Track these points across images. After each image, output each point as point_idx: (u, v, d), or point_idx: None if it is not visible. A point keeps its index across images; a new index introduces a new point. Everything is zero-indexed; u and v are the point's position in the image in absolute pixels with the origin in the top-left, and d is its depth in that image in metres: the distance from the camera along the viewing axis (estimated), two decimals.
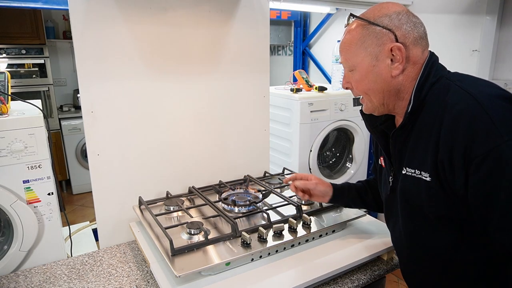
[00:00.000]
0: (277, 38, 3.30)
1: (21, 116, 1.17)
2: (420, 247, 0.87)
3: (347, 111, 2.26)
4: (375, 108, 0.88)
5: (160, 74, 1.33)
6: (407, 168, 0.84)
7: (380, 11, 0.82)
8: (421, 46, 0.81)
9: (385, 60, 0.81)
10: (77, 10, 1.14)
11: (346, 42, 0.86)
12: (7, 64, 3.48)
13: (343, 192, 1.14)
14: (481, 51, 1.98)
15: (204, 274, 0.97)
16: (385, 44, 0.80)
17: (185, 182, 1.44)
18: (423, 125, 0.80)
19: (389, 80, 0.82)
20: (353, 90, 0.90)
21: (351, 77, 0.88)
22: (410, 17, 0.81)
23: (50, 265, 1.13)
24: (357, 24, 0.84)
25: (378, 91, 0.84)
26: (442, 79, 0.80)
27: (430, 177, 0.77)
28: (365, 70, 0.83)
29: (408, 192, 0.85)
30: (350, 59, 0.85)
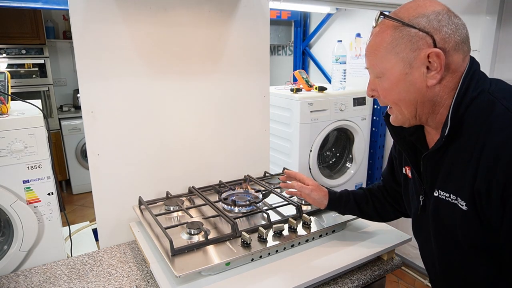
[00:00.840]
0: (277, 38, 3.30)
1: (21, 116, 1.17)
2: (454, 273, 0.81)
3: (347, 111, 2.26)
4: (405, 120, 0.79)
5: (160, 74, 1.33)
6: (441, 191, 0.77)
7: (416, 10, 0.72)
8: (463, 52, 0.72)
9: (420, 68, 0.71)
10: (77, 10, 1.14)
11: (374, 45, 0.76)
12: (7, 64, 3.49)
13: (340, 202, 1.10)
14: (481, 51, 1.98)
15: (204, 274, 0.97)
16: (422, 49, 0.70)
17: (185, 182, 1.44)
18: (462, 146, 0.71)
19: (424, 91, 0.72)
20: (380, 99, 0.80)
21: (378, 85, 0.78)
22: (452, 17, 0.71)
23: (50, 265, 1.13)
24: (388, 24, 0.73)
25: (410, 102, 0.75)
26: (484, 94, 0.70)
27: (467, 206, 0.70)
28: (396, 78, 0.73)
29: (442, 217, 0.78)
30: (377, 64, 0.76)
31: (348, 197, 1.09)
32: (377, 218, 1.11)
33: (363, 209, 1.09)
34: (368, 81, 0.82)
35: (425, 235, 0.88)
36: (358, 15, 2.69)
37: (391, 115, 0.82)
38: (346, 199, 1.09)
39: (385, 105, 0.81)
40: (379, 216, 1.10)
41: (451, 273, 0.83)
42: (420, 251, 0.94)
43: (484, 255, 0.73)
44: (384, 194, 1.09)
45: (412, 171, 0.88)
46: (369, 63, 0.79)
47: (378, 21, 0.77)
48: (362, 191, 1.12)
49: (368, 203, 1.08)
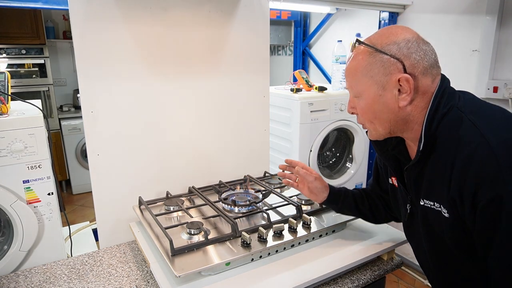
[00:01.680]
0: (277, 38, 3.30)
1: (21, 116, 1.17)
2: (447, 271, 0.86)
3: (347, 111, 2.26)
4: (380, 136, 0.86)
5: (160, 74, 1.33)
6: (426, 200, 0.82)
7: (388, 37, 0.78)
8: (431, 75, 0.78)
9: (392, 90, 0.77)
10: (77, 10, 1.14)
11: (352, 68, 0.82)
12: (7, 64, 3.48)
13: (339, 197, 1.10)
14: (481, 51, 1.98)
15: (204, 274, 0.97)
16: (393, 74, 0.76)
17: (185, 182, 1.44)
18: (437, 159, 0.77)
19: (396, 110, 0.79)
20: (358, 117, 0.88)
21: (356, 103, 0.86)
22: (420, 44, 0.77)
23: (50, 265, 1.13)
24: (364, 50, 0.80)
25: (384, 120, 0.82)
26: (453, 109, 0.76)
27: (448, 214, 0.76)
28: (371, 99, 0.80)
29: (430, 223, 0.83)
30: (355, 86, 0.83)
31: (346, 194, 1.11)
32: (372, 219, 1.13)
33: (360, 208, 1.10)
34: (349, 100, 0.89)
35: (417, 239, 0.92)
36: (358, 15, 2.69)
37: (367, 132, 0.89)
38: (345, 195, 1.11)
39: (360, 122, 0.88)
40: (374, 217, 1.12)
41: (444, 271, 0.86)
42: (415, 252, 0.98)
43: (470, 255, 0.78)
44: (378, 196, 1.12)
45: (397, 182, 0.93)
46: (348, 84, 0.86)
47: (354, 47, 0.83)
48: (358, 191, 1.14)
49: (364, 203, 1.10)
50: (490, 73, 2.00)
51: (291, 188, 1.45)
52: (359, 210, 1.11)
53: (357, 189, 1.15)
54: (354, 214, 1.13)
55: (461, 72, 2.06)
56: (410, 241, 1.00)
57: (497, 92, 1.96)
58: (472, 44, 2.00)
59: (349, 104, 0.89)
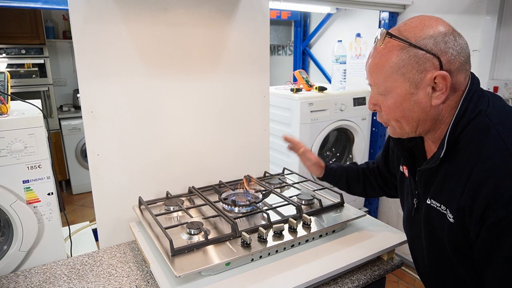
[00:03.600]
0: (277, 38, 3.30)
1: (21, 116, 1.17)
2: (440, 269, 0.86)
3: (347, 111, 2.26)
4: (404, 134, 0.81)
5: (160, 74, 1.33)
6: (433, 200, 0.81)
7: (422, 30, 0.71)
8: (465, 71, 0.73)
9: (425, 88, 0.72)
10: (77, 10, 1.14)
11: (379, 64, 0.75)
12: (7, 64, 3.48)
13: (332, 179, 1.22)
14: (481, 51, 1.98)
15: (204, 274, 0.97)
16: (428, 71, 0.70)
17: (185, 182, 1.44)
18: (455, 164, 0.74)
19: (428, 110, 0.74)
20: (381, 114, 0.82)
21: (381, 101, 0.79)
22: (457, 38, 0.71)
23: (50, 265, 1.13)
24: (394, 44, 0.72)
25: (413, 119, 0.76)
26: (481, 115, 0.72)
27: (454, 219, 0.75)
28: (401, 97, 0.74)
29: (433, 223, 0.83)
30: (382, 83, 0.75)
31: (340, 177, 1.20)
32: (363, 195, 1.20)
33: (352, 188, 1.20)
34: (370, 95, 0.83)
35: (416, 232, 0.92)
36: (358, 15, 2.69)
37: (389, 127, 0.84)
38: (339, 178, 1.19)
39: (382, 120, 0.83)
40: (366, 195, 1.19)
41: (438, 269, 0.87)
42: (409, 244, 0.99)
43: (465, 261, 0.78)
44: (376, 176, 1.15)
45: (409, 173, 0.92)
46: (373, 80, 0.78)
47: (383, 40, 0.74)
48: (356, 169, 1.19)
49: (358, 183, 1.17)
50: (490, 73, 2.00)
51: (291, 188, 1.45)
52: (351, 191, 1.21)
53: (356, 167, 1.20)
54: (346, 191, 1.23)
55: None
56: (407, 232, 1.00)
57: (497, 92, 1.96)
58: (472, 44, 2.00)
59: (371, 101, 0.82)
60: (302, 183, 1.50)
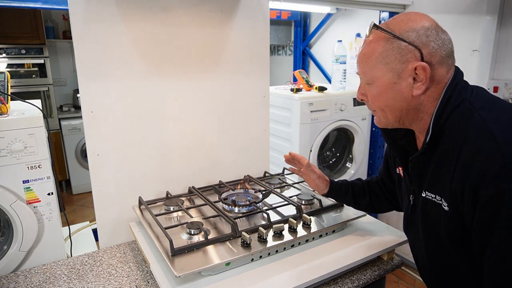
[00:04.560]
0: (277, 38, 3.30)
1: (21, 116, 1.17)
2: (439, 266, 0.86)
3: (347, 111, 2.26)
4: (388, 124, 0.85)
5: (160, 74, 1.33)
6: (428, 192, 0.82)
7: (407, 24, 0.76)
8: (447, 65, 0.77)
9: (407, 79, 0.76)
10: (77, 10, 1.14)
11: (367, 54, 0.80)
12: (7, 64, 3.48)
13: (338, 194, 1.17)
14: (481, 51, 1.98)
15: (204, 274, 0.97)
16: (409, 61, 0.74)
17: (185, 182, 1.44)
18: (444, 152, 0.77)
19: (409, 99, 0.78)
20: (368, 103, 0.86)
21: (367, 90, 0.84)
22: (439, 33, 0.76)
23: (50, 265, 1.13)
24: (380, 36, 0.78)
25: (396, 108, 0.80)
26: (464, 103, 0.75)
27: (448, 207, 0.76)
28: (385, 86, 0.79)
29: (429, 216, 0.84)
30: (368, 72, 0.81)
31: (347, 190, 1.16)
32: (371, 210, 1.17)
33: (359, 202, 1.16)
34: (359, 86, 0.87)
35: (415, 231, 0.93)
36: (358, 15, 2.69)
37: (375, 117, 0.88)
38: (345, 192, 1.16)
39: (370, 109, 0.87)
40: (373, 209, 1.16)
41: (437, 266, 0.87)
42: (410, 245, 0.99)
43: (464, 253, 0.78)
44: (381, 188, 1.13)
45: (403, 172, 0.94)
46: (360, 69, 0.83)
47: (371, 31, 0.80)
48: (361, 183, 1.17)
49: (365, 197, 1.14)
50: (490, 73, 2.00)
51: (291, 188, 1.45)
52: (357, 205, 1.17)
53: (361, 181, 1.18)
54: (353, 207, 1.19)
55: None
56: (408, 233, 1.00)
57: (497, 92, 1.96)
58: (472, 44, 2.00)
59: (359, 91, 0.87)
60: (302, 183, 1.50)
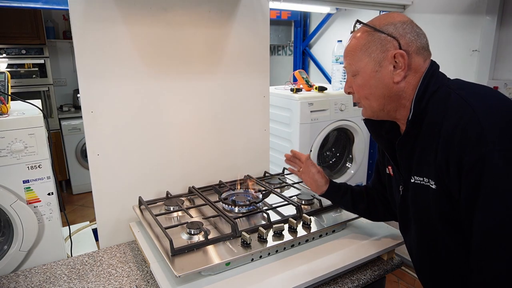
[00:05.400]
0: (277, 38, 3.30)
1: (21, 116, 1.17)
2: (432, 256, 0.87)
3: (347, 111, 2.26)
4: (374, 112, 0.90)
5: (160, 74, 1.33)
6: (416, 177, 0.85)
7: (385, 19, 0.84)
8: (423, 56, 0.84)
9: (388, 66, 0.83)
10: (77, 10, 1.14)
11: (351, 47, 0.88)
12: (7, 64, 3.48)
13: (337, 194, 1.15)
14: (481, 51, 1.98)
15: (204, 274, 0.97)
16: (389, 50, 0.82)
17: (185, 182, 1.44)
18: (427, 132, 0.81)
19: (390, 86, 0.84)
20: (354, 95, 0.92)
21: (353, 82, 0.90)
22: (414, 27, 0.84)
23: (50, 265, 1.13)
24: (363, 30, 0.86)
25: (379, 96, 0.86)
26: (442, 88, 0.81)
27: (436, 185, 0.79)
28: (368, 75, 0.85)
29: (418, 200, 0.86)
30: (353, 64, 0.87)
31: (345, 191, 1.15)
32: (368, 217, 1.16)
33: (356, 206, 1.14)
34: (346, 80, 0.94)
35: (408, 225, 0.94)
36: (358, 15, 2.69)
37: (362, 109, 0.94)
38: (344, 192, 1.15)
39: (358, 101, 0.93)
40: (370, 215, 1.15)
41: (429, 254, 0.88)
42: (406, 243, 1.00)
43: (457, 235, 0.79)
44: (378, 193, 1.14)
45: (392, 166, 0.97)
46: (346, 62, 0.90)
47: (355, 27, 0.89)
48: (359, 188, 1.17)
49: (363, 201, 1.13)
50: (490, 73, 2.00)
51: (291, 188, 1.45)
52: (355, 208, 1.15)
53: (359, 186, 1.18)
54: (350, 210, 1.17)
55: (461, 72, 2.05)
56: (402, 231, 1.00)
57: None
58: (472, 44, 2.00)
59: (347, 84, 0.93)
60: (302, 183, 1.50)
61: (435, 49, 0.86)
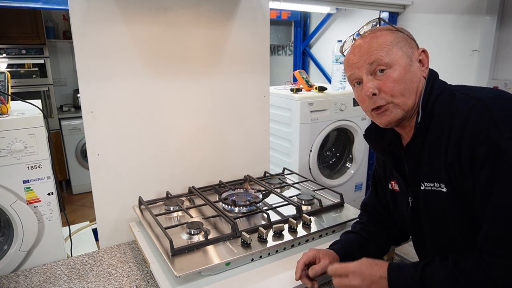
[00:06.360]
0: (277, 38, 3.30)
1: (21, 116, 1.17)
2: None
3: (347, 111, 2.26)
4: (406, 112, 0.82)
5: (160, 74, 1.33)
6: (426, 183, 0.83)
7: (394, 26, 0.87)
8: None
9: (416, 62, 0.83)
10: (77, 10, 1.14)
11: (380, 42, 0.81)
12: (7, 64, 3.48)
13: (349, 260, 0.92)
14: (481, 51, 1.98)
15: (204, 274, 0.97)
16: (414, 48, 0.83)
17: (185, 182, 1.44)
18: (435, 133, 0.79)
19: (421, 81, 0.83)
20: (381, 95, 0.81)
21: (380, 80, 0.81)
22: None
23: (50, 265, 1.13)
24: (386, 28, 0.85)
25: (413, 91, 0.82)
26: (445, 90, 0.82)
27: (446, 187, 0.78)
28: (404, 69, 0.81)
29: (430, 208, 0.83)
30: (386, 56, 0.80)
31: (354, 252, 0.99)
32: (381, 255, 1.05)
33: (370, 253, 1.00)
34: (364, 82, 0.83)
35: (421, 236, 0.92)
36: (358, 15, 2.69)
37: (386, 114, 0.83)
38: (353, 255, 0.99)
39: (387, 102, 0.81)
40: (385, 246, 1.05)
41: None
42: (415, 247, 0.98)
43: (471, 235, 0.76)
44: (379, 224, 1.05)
45: (397, 179, 0.93)
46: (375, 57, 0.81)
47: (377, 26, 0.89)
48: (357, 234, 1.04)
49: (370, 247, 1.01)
50: (490, 73, 2.00)
51: (291, 188, 1.45)
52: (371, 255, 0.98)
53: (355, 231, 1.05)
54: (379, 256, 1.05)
55: (461, 72, 2.06)
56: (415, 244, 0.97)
57: None
58: (472, 44, 2.00)
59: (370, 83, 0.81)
60: (302, 183, 1.50)
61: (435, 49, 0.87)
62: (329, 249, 0.99)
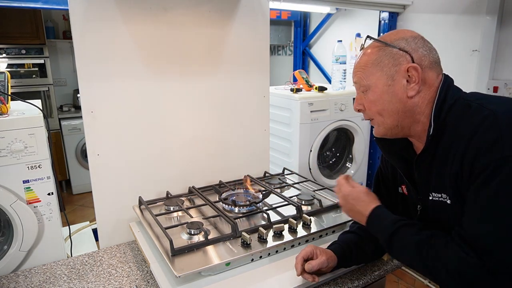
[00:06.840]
0: (277, 38, 3.30)
1: (21, 116, 1.17)
2: None
3: (347, 111, 2.26)
4: (387, 130, 0.86)
5: (160, 74, 1.33)
6: (434, 193, 0.83)
7: (396, 35, 0.84)
8: (436, 70, 0.83)
9: (401, 81, 0.81)
10: (77, 10, 1.14)
11: (362, 62, 0.86)
12: (7, 64, 3.48)
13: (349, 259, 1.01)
14: (481, 51, 1.98)
15: (204, 274, 0.97)
16: (402, 64, 0.81)
17: (185, 182, 1.44)
18: (447, 146, 0.79)
19: (404, 100, 0.82)
20: (365, 112, 0.89)
21: (364, 99, 0.87)
22: (425, 42, 0.83)
23: (50, 265, 1.13)
24: (374, 45, 0.85)
25: (392, 111, 0.83)
26: (460, 100, 0.80)
27: (450, 199, 0.78)
28: (380, 90, 0.83)
29: (439, 217, 0.84)
30: (364, 78, 0.85)
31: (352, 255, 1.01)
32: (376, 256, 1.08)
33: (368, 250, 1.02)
34: (356, 98, 0.90)
35: None
36: (358, 15, 2.69)
37: (374, 128, 0.90)
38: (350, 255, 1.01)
39: (369, 118, 0.89)
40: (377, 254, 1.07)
41: None
42: None
43: None
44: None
45: (407, 185, 0.93)
46: (357, 78, 0.87)
47: (365, 43, 0.88)
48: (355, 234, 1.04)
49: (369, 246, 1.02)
50: (490, 73, 2.00)
51: (291, 188, 1.45)
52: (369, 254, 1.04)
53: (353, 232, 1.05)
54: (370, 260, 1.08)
55: (461, 72, 2.05)
56: None
57: (497, 92, 1.96)
58: (472, 44, 2.00)
59: (356, 102, 0.89)
60: (302, 183, 1.50)
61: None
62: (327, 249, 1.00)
